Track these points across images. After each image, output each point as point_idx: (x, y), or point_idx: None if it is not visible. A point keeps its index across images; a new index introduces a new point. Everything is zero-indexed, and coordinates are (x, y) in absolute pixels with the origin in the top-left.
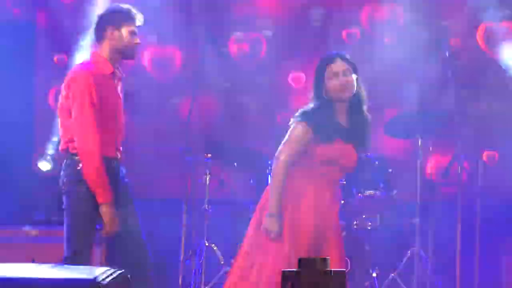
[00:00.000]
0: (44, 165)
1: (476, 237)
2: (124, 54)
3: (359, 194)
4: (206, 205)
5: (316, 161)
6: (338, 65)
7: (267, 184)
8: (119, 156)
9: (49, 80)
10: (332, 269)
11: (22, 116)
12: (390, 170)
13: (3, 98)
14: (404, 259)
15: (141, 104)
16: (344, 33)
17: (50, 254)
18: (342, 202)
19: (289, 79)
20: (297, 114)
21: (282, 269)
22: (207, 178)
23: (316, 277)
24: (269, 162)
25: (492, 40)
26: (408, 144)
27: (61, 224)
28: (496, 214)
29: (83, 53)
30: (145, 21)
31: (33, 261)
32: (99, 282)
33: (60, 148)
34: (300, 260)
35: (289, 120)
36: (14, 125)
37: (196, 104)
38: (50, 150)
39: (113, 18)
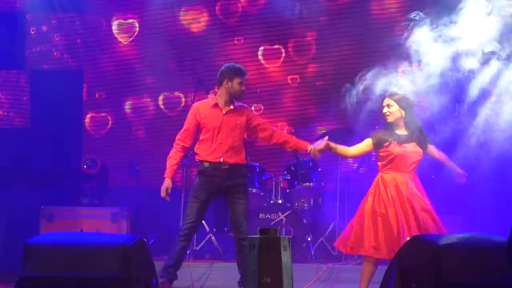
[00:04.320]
0: (89, 165)
1: None
2: (233, 96)
3: (299, 186)
4: None
5: None
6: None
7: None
8: (222, 161)
9: (93, 109)
10: (280, 236)
11: (74, 133)
12: (320, 169)
13: (61, 121)
14: (329, 229)
15: (160, 129)
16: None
17: (93, 226)
18: (288, 191)
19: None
20: None
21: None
22: None
23: (270, 241)
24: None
25: None
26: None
27: (101, 205)
28: None
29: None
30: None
31: (81, 230)
32: (125, 244)
33: None
34: (260, 230)
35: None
36: (69, 139)
37: None
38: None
39: (228, 73)
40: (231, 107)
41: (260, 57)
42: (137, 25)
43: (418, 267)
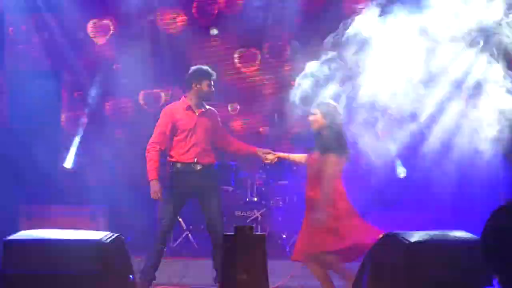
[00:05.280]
0: (67, 164)
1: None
2: (204, 98)
3: (274, 184)
4: None
5: None
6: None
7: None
8: (195, 161)
9: (71, 108)
10: (256, 233)
11: (52, 132)
12: (295, 168)
13: (40, 120)
14: None
15: (139, 126)
16: None
17: (72, 224)
18: (263, 189)
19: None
20: None
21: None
22: None
23: (245, 238)
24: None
25: None
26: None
27: (78, 204)
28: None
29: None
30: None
31: (59, 228)
32: (102, 241)
33: None
34: (235, 227)
35: None
36: (47, 138)
37: None
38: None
39: (196, 76)
40: (203, 109)
41: (236, 60)
42: (113, 25)
43: (390, 264)
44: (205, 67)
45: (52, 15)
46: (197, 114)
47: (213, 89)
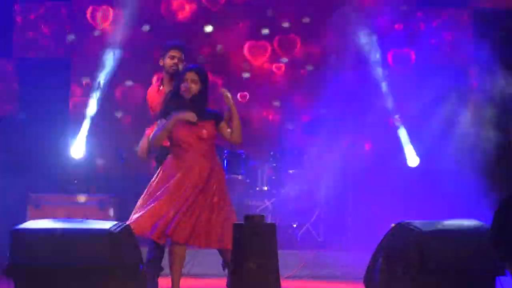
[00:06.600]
0: (76, 153)
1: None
2: (169, 73)
3: (285, 172)
4: None
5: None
6: (188, 75)
7: None
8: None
9: (80, 96)
10: (266, 222)
11: (61, 121)
12: (305, 156)
13: (49, 108)
14: (314, 216)
15: (147, 115)
16: None
17: (80, 213)
18: (273, 178)
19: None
20: None
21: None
22: None
23: (256, 228)
24: (225, 151)
25: None
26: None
27: (86, 192)
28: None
29: (101, 79)
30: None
31: (68, 217)
32: (111, 231)
33: None
34: (245, 216)
35: None
36: (56, 127)
37: None
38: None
39: (162, 50)
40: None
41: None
42: (122, 13)
43: (402, 254)
44: (170, 42)
45: (62, 2)
46: (164, 92)
47: (176, 61)
